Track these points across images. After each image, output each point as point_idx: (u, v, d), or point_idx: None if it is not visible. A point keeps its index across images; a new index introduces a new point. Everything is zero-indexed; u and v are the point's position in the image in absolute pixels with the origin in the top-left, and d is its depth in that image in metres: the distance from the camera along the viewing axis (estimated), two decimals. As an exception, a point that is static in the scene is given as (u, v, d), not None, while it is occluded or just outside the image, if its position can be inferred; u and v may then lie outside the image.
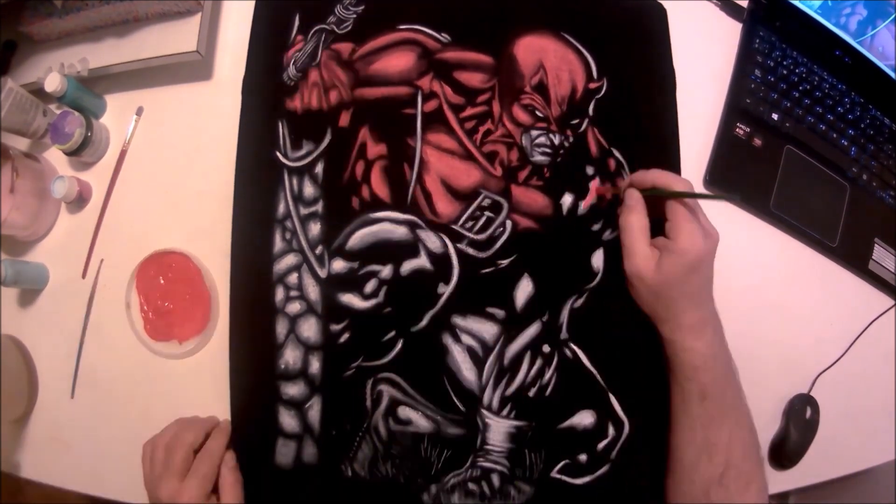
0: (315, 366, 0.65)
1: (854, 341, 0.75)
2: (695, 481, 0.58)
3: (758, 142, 0.76)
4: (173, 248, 0.72)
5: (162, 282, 0.72)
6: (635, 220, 0.60)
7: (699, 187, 0.74)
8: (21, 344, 0.77)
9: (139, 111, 0.80)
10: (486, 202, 0.68)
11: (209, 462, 0.61)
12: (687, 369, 0.58)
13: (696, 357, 0.58)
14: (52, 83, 0.74)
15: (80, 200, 0.78)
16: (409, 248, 0.67)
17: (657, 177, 0.60)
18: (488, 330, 0.65)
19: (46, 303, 0.78)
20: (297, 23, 0.74)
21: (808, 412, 0.71)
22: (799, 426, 0.70)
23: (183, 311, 0.72)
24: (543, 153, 0.69)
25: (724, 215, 0.73)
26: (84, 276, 0.77)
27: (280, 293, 0.67)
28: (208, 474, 0.61)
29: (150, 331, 0.72)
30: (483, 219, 0.67)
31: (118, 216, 0.78)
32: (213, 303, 0.71)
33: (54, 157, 0.81)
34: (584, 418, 0.65)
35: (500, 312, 0.66)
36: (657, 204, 0.60)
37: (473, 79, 0.71)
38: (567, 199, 0.68)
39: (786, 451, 0.70)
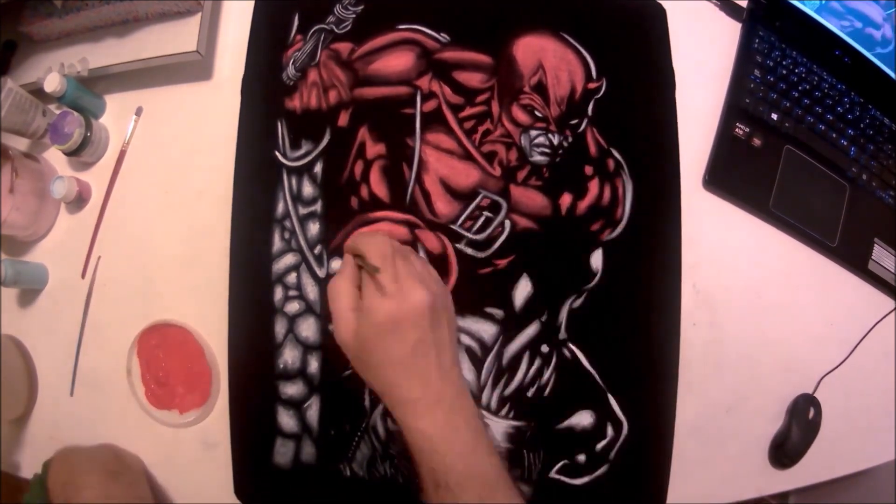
0: (314, 365, 0.66)
1: (857, 344, 0.75)
2: None
3: (757, 142, 0.76)
4: (176, 321, 0.72)
5: (163, 354, 0.72)
6: (338, 283, 0.52)
7: (699, 187, 0.74)
8: (21, 343, 0.77)
9: (139, 111, 0.80)
10: (485, 202, 0.68)
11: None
12: (413, 452, 0.50)
13: (421, 438, 0.49)
14: (52, 83, 0.74)
15: (79, 200, 0.78)
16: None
17: (356, 241, 0.53)
18: (487, 330, 0.65)
19: (46, 303, 0.78)
20: (296, 22, 0.74)
21: (812, 412, 0.71)
22: (801, 426, 0.70)
23: (183, 385, 0.71)
24: (542, 153, 0.69)
25: (724, 215, 0.74)
26: (83, 275, 0.77)
27: (279, 293, 0.67)
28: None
29: (150, 398, 0.72)
30: (482, 219, 0.67)
31: (118, 216, 0.78)
32: (213, 379, 0.70)
33: (54, 157, 0.81)
34: (583, 418, 0.65)
35: (498, 312, 0.66)
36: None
37: (472, 79, 0.71)
38: (566, 199, 0.68)
39: (787, 451, 0.70)
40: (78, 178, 0.78)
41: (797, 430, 0.70)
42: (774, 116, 0.78)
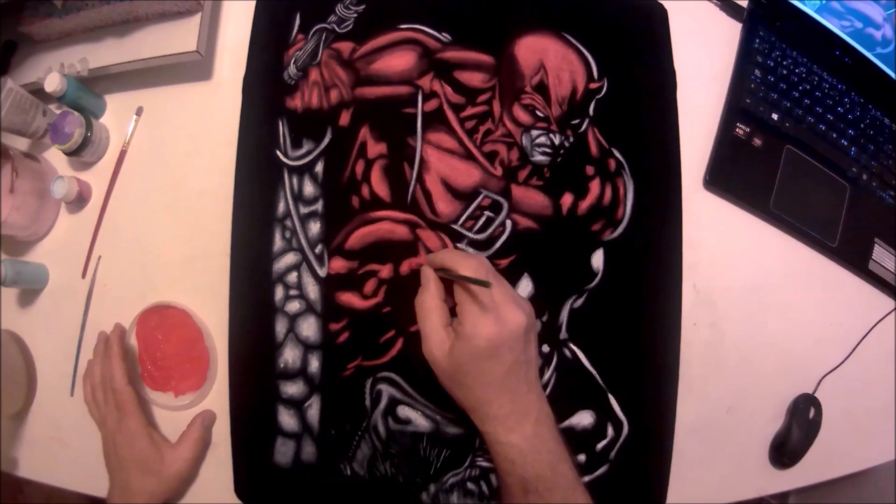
0: (314, 365, 0.66)
1: (858, 344, 0.75)
2: None
3: (758, 142, 0.76)
4: (176, 303, 0.72)
5: (161, 336, 0.71)
6: (425, 299, 0.54)
7: (699, 187, 0.74)
8: (20, 339, 0.77)
9: (139, 111, 0.80)
10: (486, 202, 0.68)
11: (109, 391, 0.66)
12: (504, 463, 0.52)
13: (512, 451, 0.51)
14: (52, 83, 0.74)
15: (80, 200, 0.78)
16: (409, 247, 0.67)
17: (444, 256, 0.55)
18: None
19: (46, 302, 0.78)
20: (297, 22, 0.74)
21: (812, 412, 0.71)
22: (802, 426, 0.70)
23: (181, 367, 0.71)
24: (543, 153, 0.69)
25: (724, 215, 0.74)
26: (84, 275, 0.77)
27: (280, 292, 0.67)
28: (111, 400, 0.66)
29: (146, 379, 0.72)
30: (483, 218, 0.67)
31: (118, 216, 0.78)
32: (211, 363, 0.70)
33: (54, 157, 0.81)
34: (584, 418, 0.65)
35: (499, 312, 0.66)
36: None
37: (474, 78, 0.71)
38: (567, 199, 0.68)
39: (787, 450, 0.70)
40: (78, 178, 0.77)
41: (798, 430, 0.70)
42: (775, 116, 0.78)
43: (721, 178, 0.74)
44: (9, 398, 0.73)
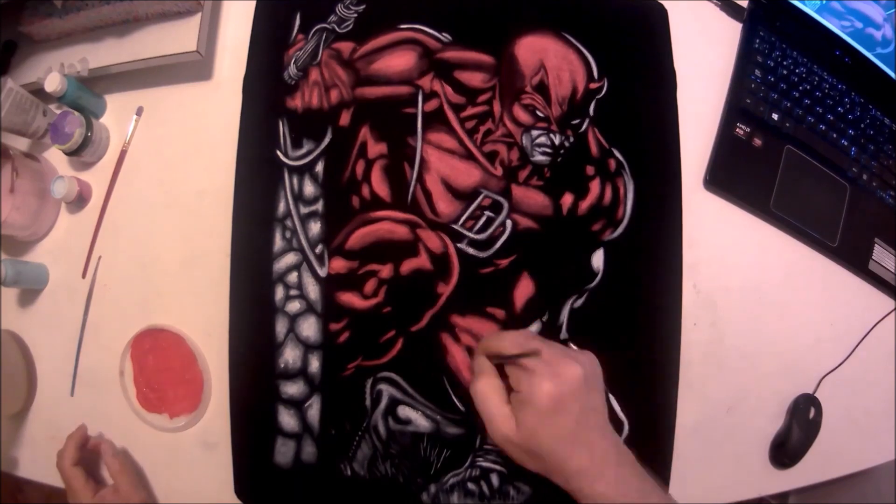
0: (314, 365, 0.66)
1: (858, 344, 0.75)
2: None
3: (758, 142, 0.76)
4: (171, 326, 0.72)
5: (155, 358, 0.72)
6: (483, 384, 0.54)
7: (700, 187, 0.74)
8: (20, 339, 0.77)
9: (139, 111, 0.80)
10: (487, 202, 0.68)
11: (61, 469, 0.67)
12: None
13: (601, 500, 0.51)
14: (52, 83, 0.74)
15: (80, 200, 0.78)
16: (409, 247, 0.67)
17: (490, 344, 0.55)
18: (488, 329, 0.65)
19: (46, 302, 0.78)
20: (298, 22, 0.74)
21: (812, 412, 0.71)
22: (802, 426, 0.70)
23: (174, 389, 0.71)
24: (544, 153, 0.69)
25: (724, 215, 0.74)
26: (84, 275, 0.77)
27: (280, 292, 0.67)
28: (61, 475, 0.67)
29: (142, 400, 0.72)
30: (483, 218, 0.67)
31: (118, 216, 0.78)
32: (205, 386, 0.70)
33: (54, 157, 0.81)
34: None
35: (499, 312, 0.66)
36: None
37: (474, 78, 0.71)
38: (567, 199, 0.68)
39: (787, 450, 0.70)
40: (78, 178, 0.77)
41: (798, 429, 0.70)
42: (775, 116, 0.78)
43: (721, 178, 0.74)
44: (9, 398, 0.73)
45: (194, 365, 0.71)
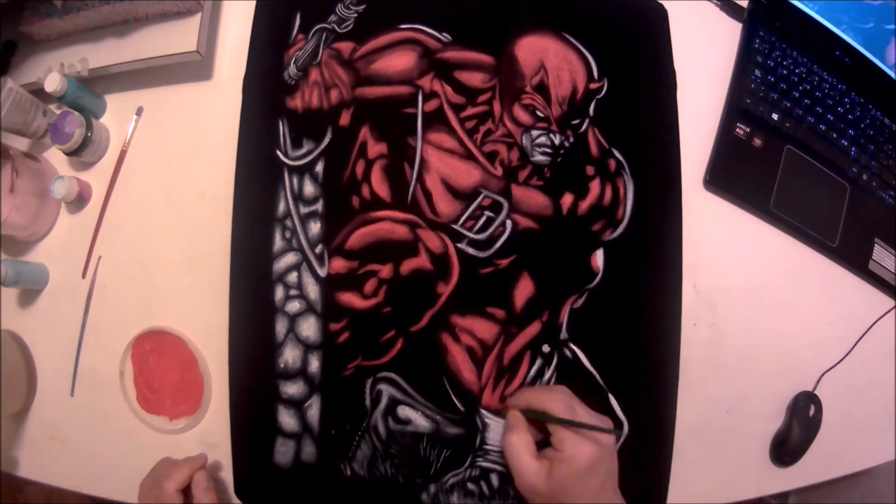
0: (314, 365, 0.66)
1: (857, 341, 0.75)
2: None
3: (758, 142, 0.76)
4: (172, 328, 0.72)
5: (156, 360, 0.72)
6: (516, 439, 0.57)
7: (700, 187, 0.74)
8: (20, 338, 0.77)
9: (139, 111, 0.80)
10: (487, 202, 0.68)
11: (163, 489, 0.62)
12: None
13: None
14: (52, 83, 0.74)
15: (80, 200, 0.78)
16: (409, 247, 0.67)
17: (530, 398, 0.59)
18: (488, 330, 0.65)
19: (46, 302, 0.78)
20: (298, 22, 0.74)
21: (812, 410, 0.71)
22: (802, 424, 0.70)
23: (175, 391, 0.71)
24: (544, 153, 0.69)
25: (724, 215, 0.74)
26: (84, 275, 0.77)
27: (280, 292, 0.67)
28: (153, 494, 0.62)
29: (141, 401, 0.72)
30: (483, 218, 0.67)
31: (118, 216, 0.78)
32: (205, 389, 0.70)
33: (54, 157, 0.81)
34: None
35: (499, 312, 0.66)
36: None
37: (474, 78, 0.71)
38: (567, 199, 0.68)
39: (788, 448, 0.70)
40: (78, 178, 0.77)
41: (798, 427, 0.70)
42: (775, 116, 0.78)
43: (721, 178, 0.74)
44: (9, 398, 0.73)
45: (195, 368, 0.71)
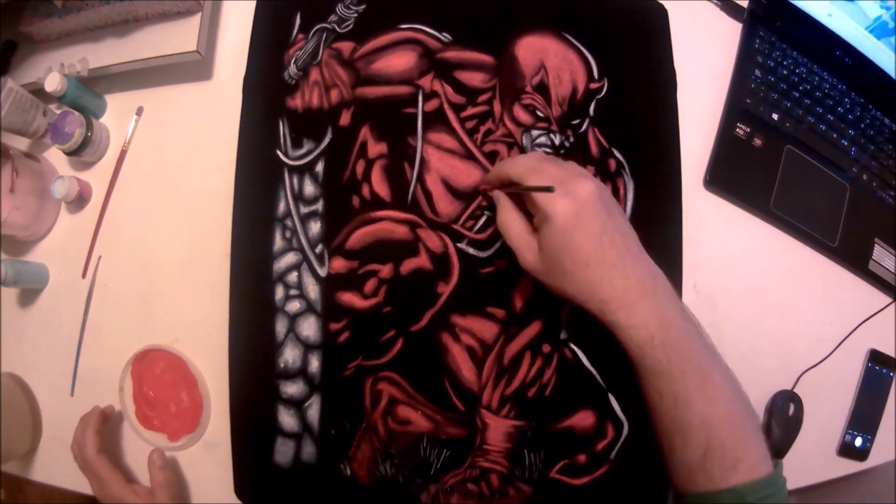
0: (314, 365, 0.66)
1: (842, 342, 0.75)
2: (677, 466, 0.51)
3: (758, 142, 0.76)
4: (174, 348, 0.72)
5: (156, 379, 0.72)
6: (504, 217, 0.55)
7: (700, 187, 0.74)
8: (22, 381, 0.77)
9: (139, 111, 0.80)
10: (487, 201, 0.68)
11: (77, 451, 0.65)
12: (634, 349, 0.50)
13: (640, 333, 0.50)
14: (52, 83, 0.74)
15: (80, 200, 0.78)
16: (409, 247, 0.67)
17: (499, 172, 0.56)
18: (488, 329, 0.65)
19: (46, 303, 0.78)
20: (298, 22, 0.74)
21: (792, 409, 0.71)
22: (782, 423, 0.70)
23: (174, 410, 0.71)
24: (544, 153, 0.69)
25: (724, 215, 0.74)
26: (84, 275, 0.77)
27: (280, 292, 0.67)
28: (83, 465, 0.65)
29: (140, 418, 0.72)
30: (483, 218, 0.67)
31: (118, 216, 0.78)
32: (204, 411, 0.70)
33: (54, 157, 0.81)
34: (584, 419, 0.65)
35: (499, 312, 0.66)
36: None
37: (474, 78, 0.71)
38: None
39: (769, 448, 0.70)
40: (78, 178, 0.77)
41: (777, 427, 0.71)
42: (775, 116, 0.78)
43: (721, 178, 0.74)
44: (17, 440, 0.74)
45: (195, 389, 0.71)
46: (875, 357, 0.77)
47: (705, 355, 0.51)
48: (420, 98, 0.70)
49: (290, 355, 0.66)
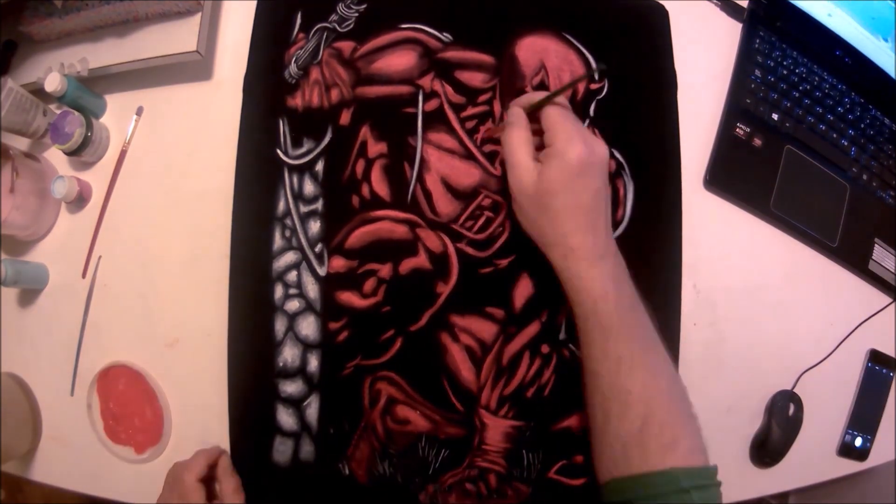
0: (313, 364, 0.66)
1: (842, 342, 0.75)
2: (610, 442, 0.50)
3: (758, 142, 0.76)
4: (133, 363, 0.72)
5: (120, 393, 0.72)
6: (515, 134, 0.56)
7: (700, 187, 0.74)
8: (22, 381, 0.77)
9: (139, 111, 0.80)
10: (486, 202, 0.68)
11: (179, 471, 0.63)
12: (587, 302, 0.52)
13: (595, 286, 0.52)
14: (52, 83, 0.74)
15: (80, 200, 0.78)
16: (409, 246, 0.67)
17: (531, 96, 0.59)
18: (487, 329, 0.65)
19: (46, 303, 0.78)
20: (298, 21, 0.74)
21: (792, 409, 0.71)
22: (782, 423, 0.70)
23: (139, 424, 0.72)
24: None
25: (724, 215, 0.74)
26: (84, 275, 0.77)
27: (279, 291, 0.67)
28: (174, 482, 0.63)
29: (109, 433, 0.72)
30: (483, 218, 0.67)
31: (118, 216, 0.78)
32: (165, 423, 0.71)
33: (54, 157, 0.81)
34: (582, 419, 0.65)
35: (498, 312, 0.66)
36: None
37: (475, 78, 0.71)
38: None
39: (768, 449, 0.70)
40: (78, 178, 0.77)
41: (777, 427, 0.70)
42: (775, 116, 0.78)
43: (721, 178, 0.74)
44: (17, 440, 0.74)
45: (155, 401, 0.71)
46: (875, 357, 0.76)
47: (651, 331, 0.54)
48: (420, 98, 0.70)
49: (289, 354, 0.66)
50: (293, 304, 0.67)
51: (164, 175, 0.78)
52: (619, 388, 0.50)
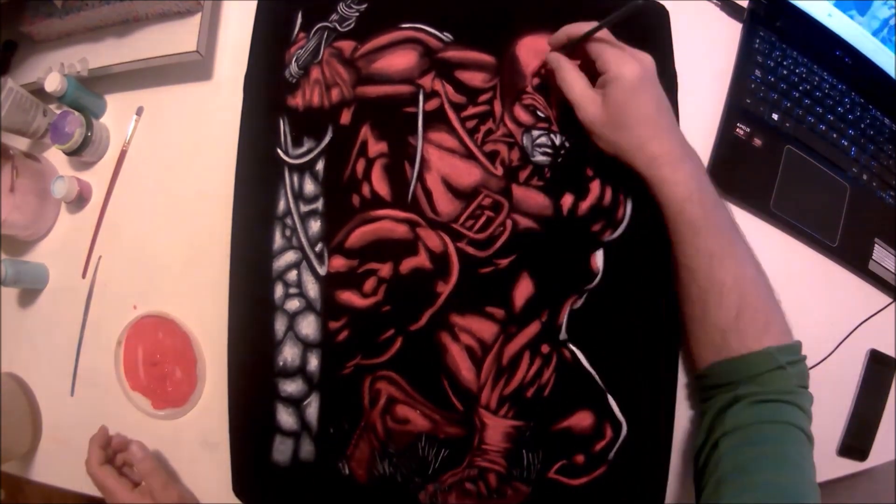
0: (313, 363, 0.66)
1: (842, 342, 0.75)
2: (709, 331, 0.56)
3: (758, 142, 0.76)
4: (182, 322, 0.72)
5: (158, 344, 0.72)
6: (567, 73, 0.61)
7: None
8: (22, 381, 0.77)
9: (139, 111, 0.80)
10: (487, 201, 0.68)
11: (91, 473, 0.64)
12: (674, 203, 0.57)
13: (680, 189, 0.57)
14: (52, 83, 0.74)
15: (80, 200, 0.78)
16: (409, 246, 0.67)
17: (566, 30, 0.63)
18: (487, 329, 0.65)
19: (46, 303, 0.78)
20: (299, 20, 0.74)
21: None
22: None
23: (166, 381, 0.72)
24: (544, 153, 0.69)
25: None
26: (84, 275, 0.77)
27: (279, 290, 0.67)
28: (92, 479, 0.64)
29: (129, 376, 0.72)
30: (483, 218, 0.67)
31: (118, 216, 0.78)
32: (196, 391, 0.71)
33: (54, 157, 0.81)
34: (582, 419, 0.65)
35: (499, 312, 0.66)
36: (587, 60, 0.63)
37: (475, 78, 0.71)
38: (567, 200, 0.68)
39: None
40: (78, 178, 0.78)
41: None
42: (775, 116, 0.78)
43: (721, 178, 0.74)
44: (17, 440, 0.74)
45: (192, 367, 0.71)
46: (875, 357, 0.76)
47: (734, 223, 0.59)
48: (421, 97, 0.70)
49: (289, 354, 0.66)
50: (293, 304, 0.67)
51: (164, 175, 0.78)
52: (714, 280, 0.55)
